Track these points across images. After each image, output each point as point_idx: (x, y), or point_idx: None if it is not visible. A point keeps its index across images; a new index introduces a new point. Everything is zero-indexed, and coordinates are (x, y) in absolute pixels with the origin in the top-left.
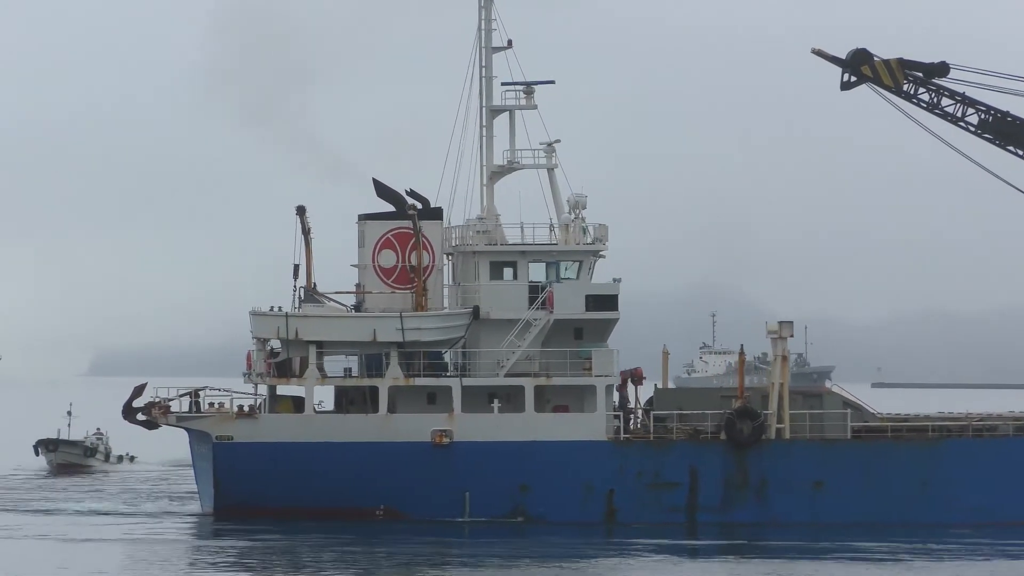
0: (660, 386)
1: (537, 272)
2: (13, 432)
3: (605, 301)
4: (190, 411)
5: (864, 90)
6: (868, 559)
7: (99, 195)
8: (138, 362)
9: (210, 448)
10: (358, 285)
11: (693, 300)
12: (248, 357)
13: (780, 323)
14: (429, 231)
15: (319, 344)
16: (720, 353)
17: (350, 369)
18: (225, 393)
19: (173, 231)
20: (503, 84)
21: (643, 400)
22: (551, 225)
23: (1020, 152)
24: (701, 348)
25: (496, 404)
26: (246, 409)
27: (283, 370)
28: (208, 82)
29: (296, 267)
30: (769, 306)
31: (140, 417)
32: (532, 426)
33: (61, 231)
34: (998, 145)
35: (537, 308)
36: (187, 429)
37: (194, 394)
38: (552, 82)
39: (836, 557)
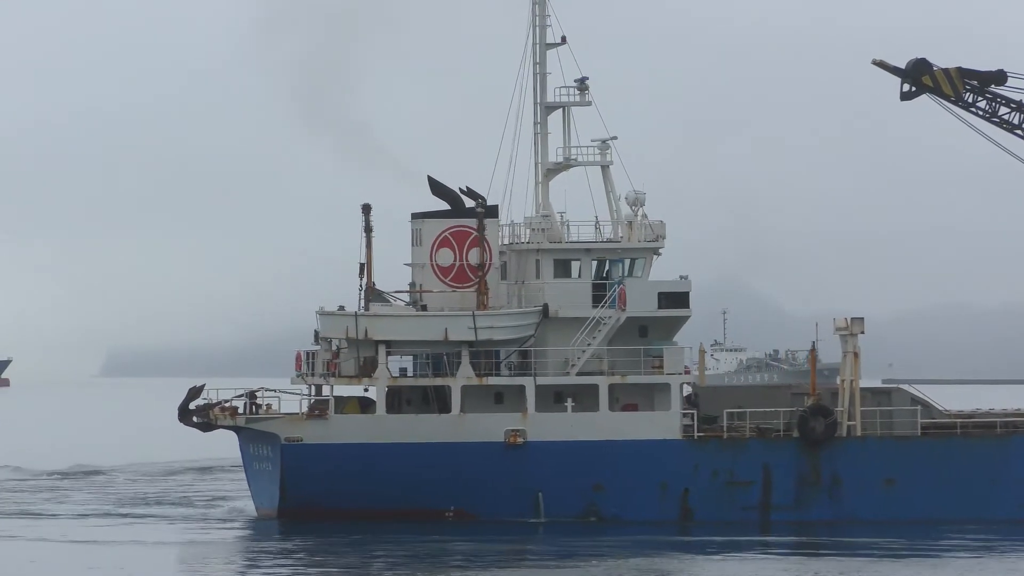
0: (698, 384)
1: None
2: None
3: (677, 298)
4: (246, 412)
5: (885, 84)
6: (937, 555)
7: (117, 195)
8: (150, 364)
9: (274, 449)
10: (412, 284)
11: (704, 297)
12: (297, 358)
13: (850, 319)
14: (487, 229)
15: (388, 344)
16: (731, 351)
17: (405, 369)
18: (276, 395)
19: (191, 231)
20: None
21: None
22: (598, 222)
23: None
24: (712, 346)
25: (570, 403)
26: (315, 411)
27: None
28: (243, 75)
29: (362, 266)
30: (779, 302)
31: (196, 419)
32: (607, 425)
33: (79, 231)
34: None
35: (607, 306)
36: (238, 430)
37: (251, 395)
38: (586, 78)
39: (907, 554)
